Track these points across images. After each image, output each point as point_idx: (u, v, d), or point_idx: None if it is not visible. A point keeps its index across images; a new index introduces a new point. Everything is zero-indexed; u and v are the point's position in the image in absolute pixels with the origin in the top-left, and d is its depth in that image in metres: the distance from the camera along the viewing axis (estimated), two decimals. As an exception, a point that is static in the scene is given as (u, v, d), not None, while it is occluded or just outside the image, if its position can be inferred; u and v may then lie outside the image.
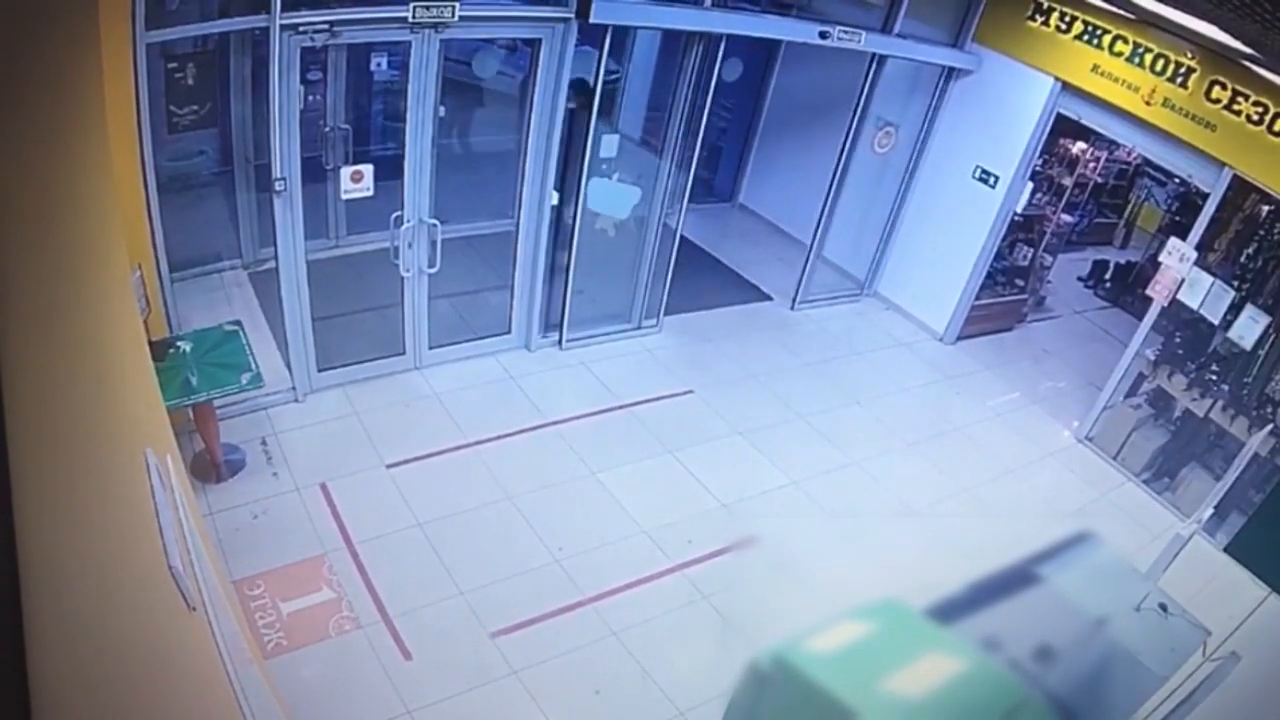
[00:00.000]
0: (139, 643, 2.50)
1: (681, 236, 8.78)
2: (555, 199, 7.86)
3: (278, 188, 6.44)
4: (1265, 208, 7.81)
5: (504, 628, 5.91)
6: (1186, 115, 7.72)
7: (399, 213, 7.12)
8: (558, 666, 5.74)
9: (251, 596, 5.79)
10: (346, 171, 6.80)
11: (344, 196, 6.93)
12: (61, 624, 1.95)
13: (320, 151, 8.15)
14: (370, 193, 6.90)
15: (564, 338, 8.61)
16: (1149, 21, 7.57)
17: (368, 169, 6.83)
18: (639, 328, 9.05)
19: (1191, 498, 8.02)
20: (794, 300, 10.10)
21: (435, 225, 7.24)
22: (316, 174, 7.61)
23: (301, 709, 5.06)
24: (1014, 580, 4.67)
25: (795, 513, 6.57)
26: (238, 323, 6.72)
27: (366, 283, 8.19)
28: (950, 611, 4.49)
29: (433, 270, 7.44)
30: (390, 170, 7.07)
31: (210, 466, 6.56)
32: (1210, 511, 6.59)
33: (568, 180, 7.89)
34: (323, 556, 6.16)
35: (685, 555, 6.65)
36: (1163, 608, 4.52)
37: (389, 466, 6.93)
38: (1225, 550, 6.93)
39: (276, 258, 6.79)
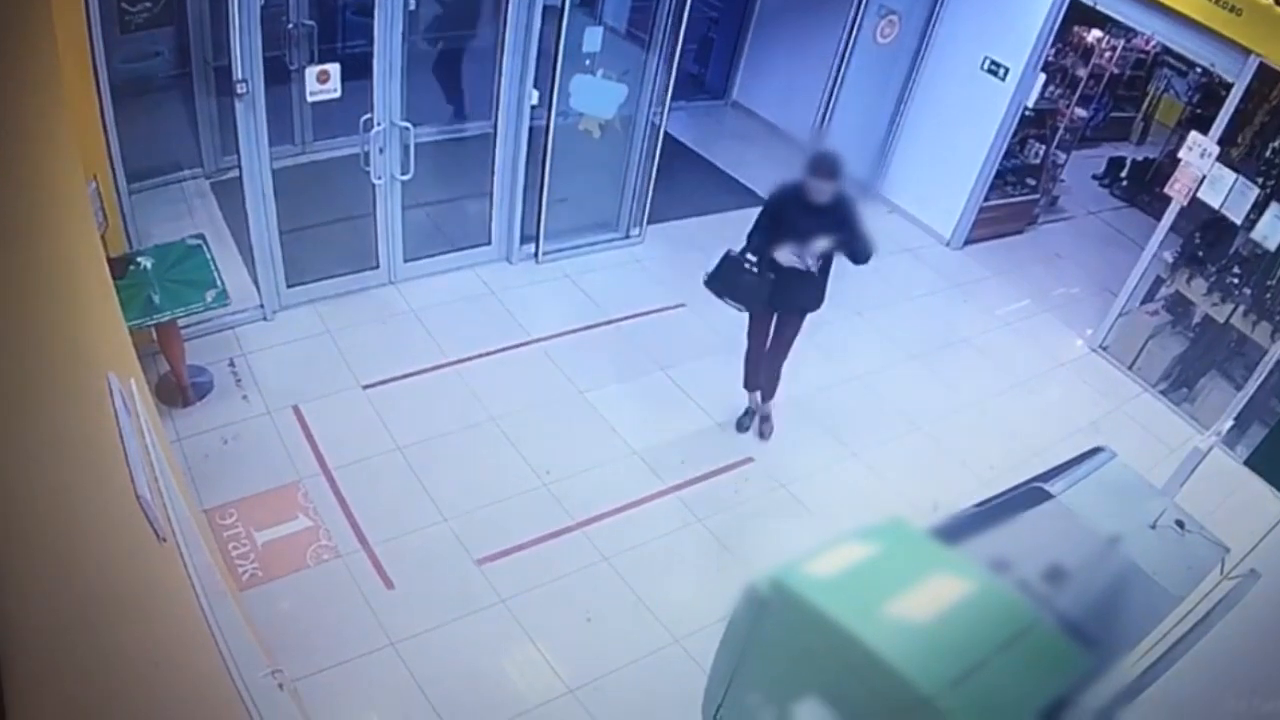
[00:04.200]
0: (108, 576, 2.51)
1: (671, 137, 8.67)
2: (535, 98, 7.74)
3: (239, 90, 6.33)
4: (1293, 99, 7.74)
5: (490, 555, 5.96)
6: (1210, -1, 7.60)
7: (369, 115, 7.00)
8: (547, 594, 5.81)
9: (224, 526, 5.82)
10: (312, 72, 6.66)
11: (310, 99, 6.79)
12: (27, 559, 1.95)
13: (283, 50, 7.97)
14: (338, 94, 6.77)
15: (540, 250, 8.56)
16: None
17: (334, 68, 6.69)
18: (627, 237, 8.99)
19: (1210, 409, 8.07)
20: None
21: (407, 128, 7.13)
22: (280, 75, 7.46)
23: (279, 642, 5.12)
24: (1023, 498, 4.70)
25: (795, 429, 6.59)
26: (201, 236, 6.65)
27: (336, 192, 8.10)
28: (957, 531, 4.53)
29: (406, 177, 7.35)
30: (359, 70, 6.93)
31: (176, 390, 6.55)
32: (1230, 423, 6.66)
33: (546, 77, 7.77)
34: (298, 483, 6.19)
35: (679, 477, 6.69)
36: (1179, 524, 4.57)
37: (365, 387, 6.92)
38: (1245, 463, 6.97)
39: (240, 166, 6.71)
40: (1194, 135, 7.99)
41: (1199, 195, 7.93)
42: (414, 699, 5.18)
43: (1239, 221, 7.83)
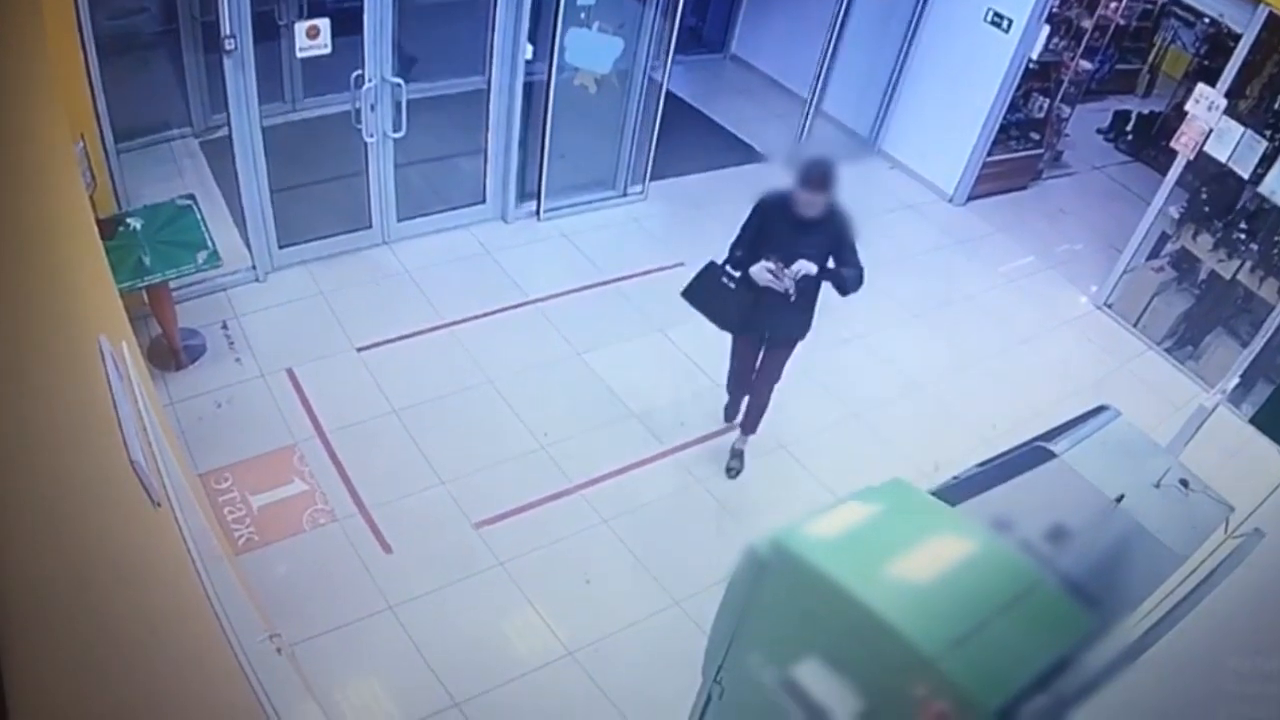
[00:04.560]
0: (103, 542, 2.51)
1: (669, 92, 8.61)
2: (530, 53, 7.68)
3: (227, 47, 6.28)
4: (1303, 50, 7.69)
5: (488, 518, 5.98)
6: (1219, -53, 7.53)
7: (359, 72, 6.96)
8: (546, 557, 5.84)
9: (219, 490, 5.84)
10: (301, 27, 6.60)
11: (299, 55, 6.74)
12: (21, 525, 1.95)
13: (272, 5, 7.90)
14: (328, 50, 6.72)
15: (541, 207, 8.53)
16: None
17: (324, 24, 6.62)
18: (624, 195, 8.95)
19: (1216, 366, 8.08)
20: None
21: (399, 85, 7.09)
22: (269, 30, 7.38)
23: (277, 606, 5.14)
24: (1026, 457, 4.70)
25: (795, 390, 6.60)
26: (191, 197, 6.62)
27: (328, 150, 8.05)
28: (959, 492, 4.55)
29: (398, 135, 7.31)
30: (349, 25, 6.86)
31: (168, 353, 6.56)
32: (1235, 381, 6.66)
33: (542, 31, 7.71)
34: (293, 446, 6.20)
35: (678, 439, 6.70)
36: (1184, 483, 4.57)
37: (360, 350, 6.92)
38: (1251, 421, 7.00)
39: (229, 124, 6.68)
40: (1201, 87, 7.94)
41: (1206, 149, 7.89)
42: (412, 662, 5.22)
43: (1246, 176, 7.79)
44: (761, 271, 5.49)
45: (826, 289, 5.78)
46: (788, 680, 3.79)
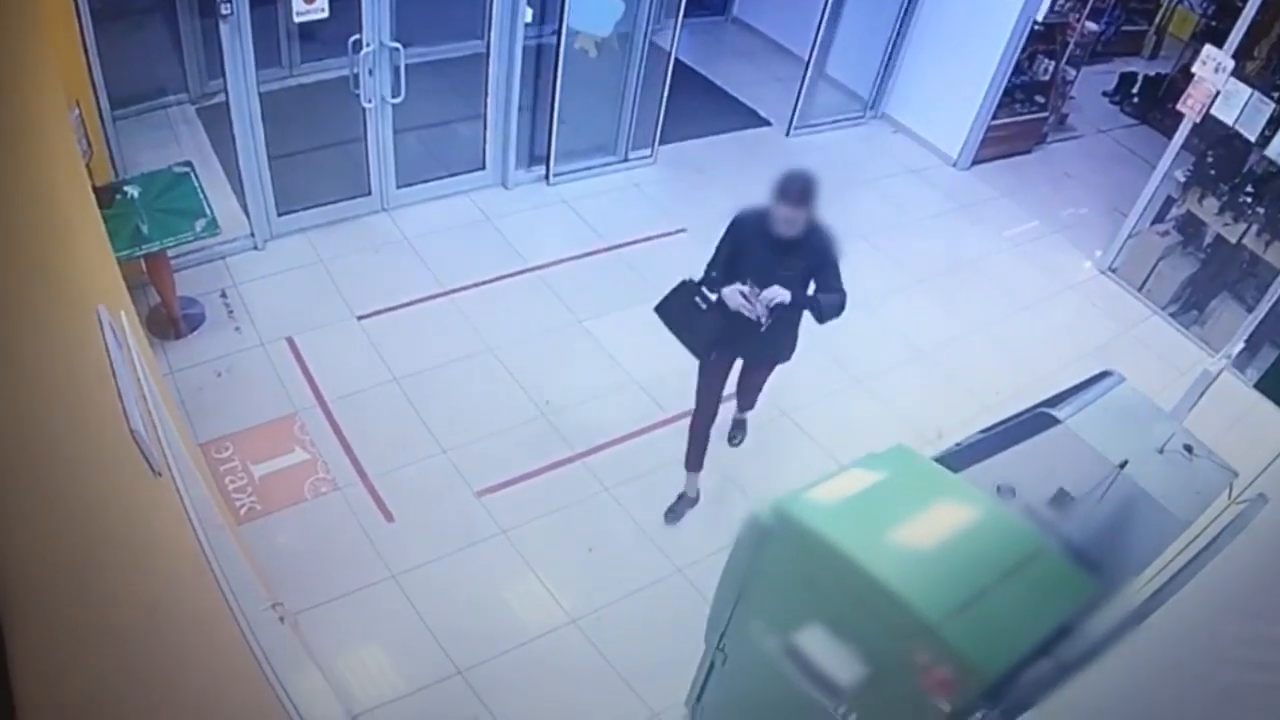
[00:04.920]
0: (104, 512, 2.53)
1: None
2: (529, 15, 7.63)
3: (224, 11, 6.25)
4: (1312, 10, 7.64)
5: (490, 486, 6.01)
6: (1228, -94, 7.47)
7: (357, 36, 6.92)
8: (548, 525, 5.87)
9: (220, 460, 5.86)
10: (298, -9, 6.57)
11: (296, 19, 6.71)
12: (21, 496, 1.96)
13: (268, -31, 7.87)
14: (325, 14, 6.69)
15: (551, 171, 8.52)
16: None
17: (321, -13, 6.60)
18: (625, 160, 8.92)
19: (1221, 331, 8.08)
20: (792, 124, 9.93)
21: (398, 49, 7.05)
22: (265, -6, 7.36)
23: (279, 575, 5.18)
24: (1030, 423, 4.72)
25: (797, 357, 6.59)
26: (188, 164, 6.61)
27: (326, 116, 8.04)
28: (962, 458, 4.56)
29: (397, 100, 7.28)
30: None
31: (167, 322, 6.57)
32: (1241, 345, 6.67)
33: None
34: (294, 415, 6.22)
35: (680, 406, 6.68)
36: (1188, 449, 4.58)
37: (360, 318, 6.93)
38: (1255, 386, 7.02)
39: (226, 90, 6.65)
40: (1208, 49, 7.89)
41: (1212, 111, 7.86)
42: (415, 630, 5.25)
43: (1253, 138, 7.76)
44: (734, 295, 5.03)
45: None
46: (790, 647, 3.82)
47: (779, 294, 5.00)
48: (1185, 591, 2.95)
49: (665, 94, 8.70)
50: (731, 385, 5.84)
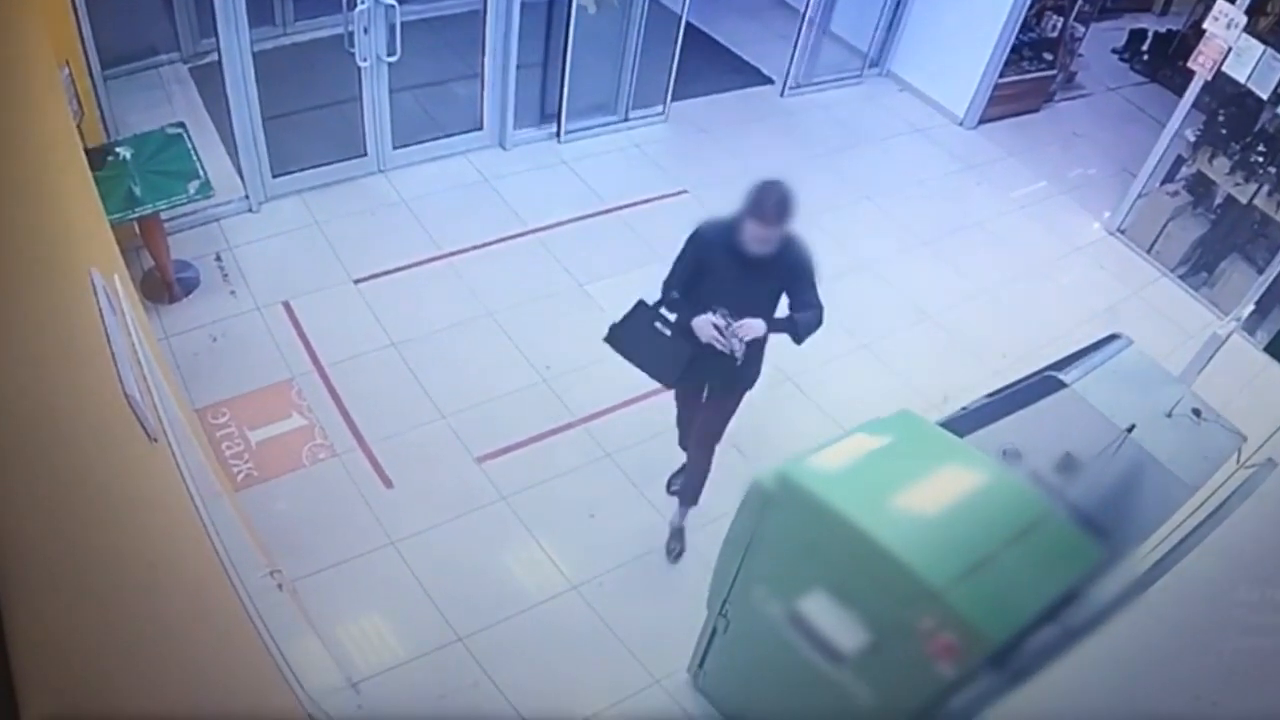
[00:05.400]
0: (99, 478, 2.53)
1: (670, 12, 8.50)
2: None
3: (215, -32, 6.20)
4: (1327, -35, 7.57)
5: (490, 452, 6.01)
6: None
7: (352, -7, 6.87)
8: (548, 491, 5.88)
9: (216, 426, 5.87)
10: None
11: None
12: (15, 462, 1.96)
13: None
14: (319, -30, 6.65)
15: (563, 129, 8.53)
16: None
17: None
18: (625, 119, 8.87)
19: (1231, 293, 8.06)
20: (795, 82, 9.87)
21: (393, 6, 6.99)
22: (258, -50, 7.29)
23: (277, 542, 5.18)
24: (1037, 387, 4.72)
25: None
26: (181, 124, 6.58)
27: (320, 75, 7.98)
28: (968, 422, 4.56)
29: (393, 59, 7.22)
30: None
31: (162, 286, 6.55)
32: (1251, 308, 6.65)
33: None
34: (290, 381, 6.22)
35: (682, 369, 6.70)
36: (1196, 413, 4.58)
37: (357, 281, 6.91)
38: (1265, 349, 7.01)
39: (219, 49, 6.61)
40: (1220, 4, 7.82)
41: (1224, 69, 7.79)
42: (415, 597, 5.27)
43: (1266, 96, 7.70)
44: (705, 326, 4.56)
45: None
46: (794, 614, 3.84)
47: (756, 329, 4.55)
48: (1193, 557, 2.96)
49: (677, 49, 8.67)
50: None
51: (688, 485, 5.55)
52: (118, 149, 6.18)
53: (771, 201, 4.31)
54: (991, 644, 3.31)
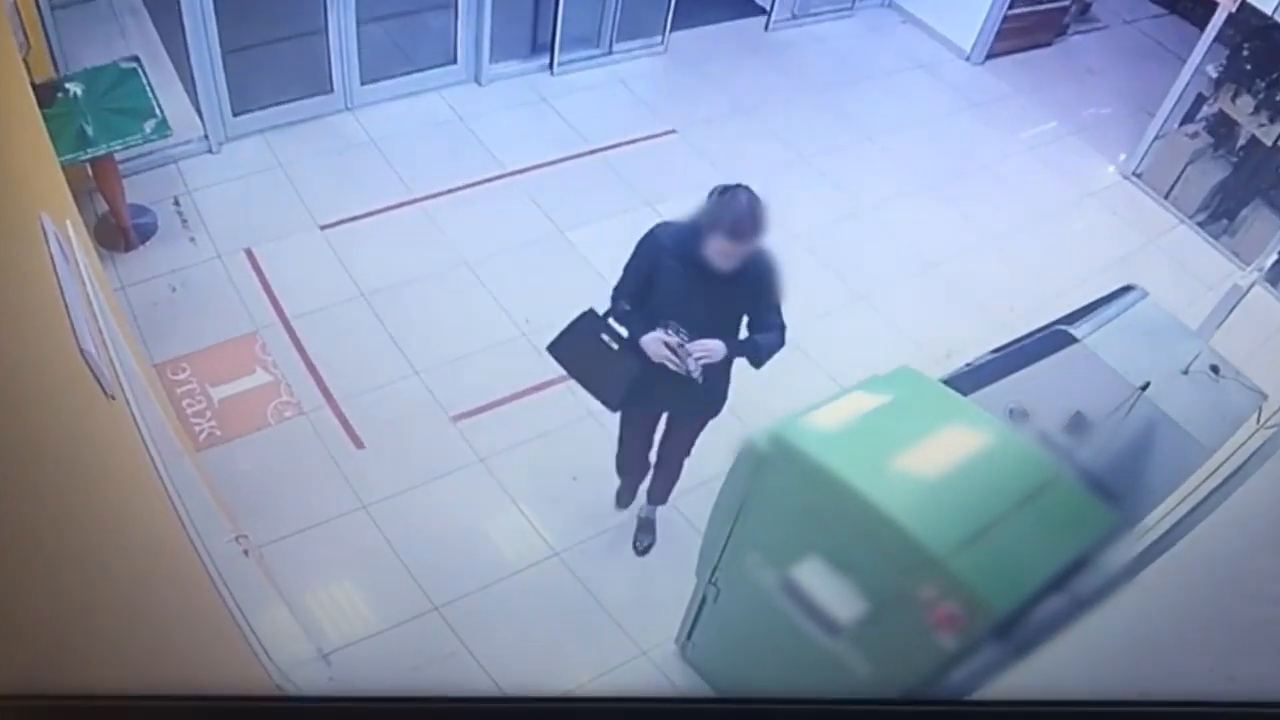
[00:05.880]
0: (53, 437, 2.53)
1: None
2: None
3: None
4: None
5: (466, 411, 6.02)
6: None
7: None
8: (529, 452, 5.89)
9: (176, 382, 5.86)
10: None
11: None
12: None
13: None
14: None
15: (555, 61, 8.49)
16: None
17: None
18: (609, 53, 8.80)
19: (1253, 242, 8.07)
20: (790, 13, 9.79)
21: (360, -69, 6.94)
22: None
23: (243, 505, 5.18)
24: (1046, 342, 4.74)
25: (796, 271, 6.57)
26: (135, 59, 6.50)
27: (284, 5, 7.87)
28: (973, 380, 4.58)
29: (360, -13, 7.17)
30: None
31: (117, 232, 6.52)
32: (1274, 257, 6.65)
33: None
34: (254, 334, 6.21)
35: (670, 322, 6.70)
36: (1214, 369, 4.61)
37: (323, 228, 6.89)
38: (1289, 301, 7.03)
39: (174, -24, 6.53)
40: (1246, -70, 7.79)
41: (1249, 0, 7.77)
42: (388, 564, 5.30)
43: (1293, 30, 7.70)
44: (655, 344, 4.28)
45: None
46: (787, 582, 3.86)
47: (713, 351, 4.29)
48: (1209, 522, 2.99)
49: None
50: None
51: (658, 490, 5.44)
52: (68, 85, 6.11)
53: (743, 215, 4.01)
54: (995, 614, 3.34)
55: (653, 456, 5.25)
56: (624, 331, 4.45)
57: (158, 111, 6.22)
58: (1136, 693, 2.03)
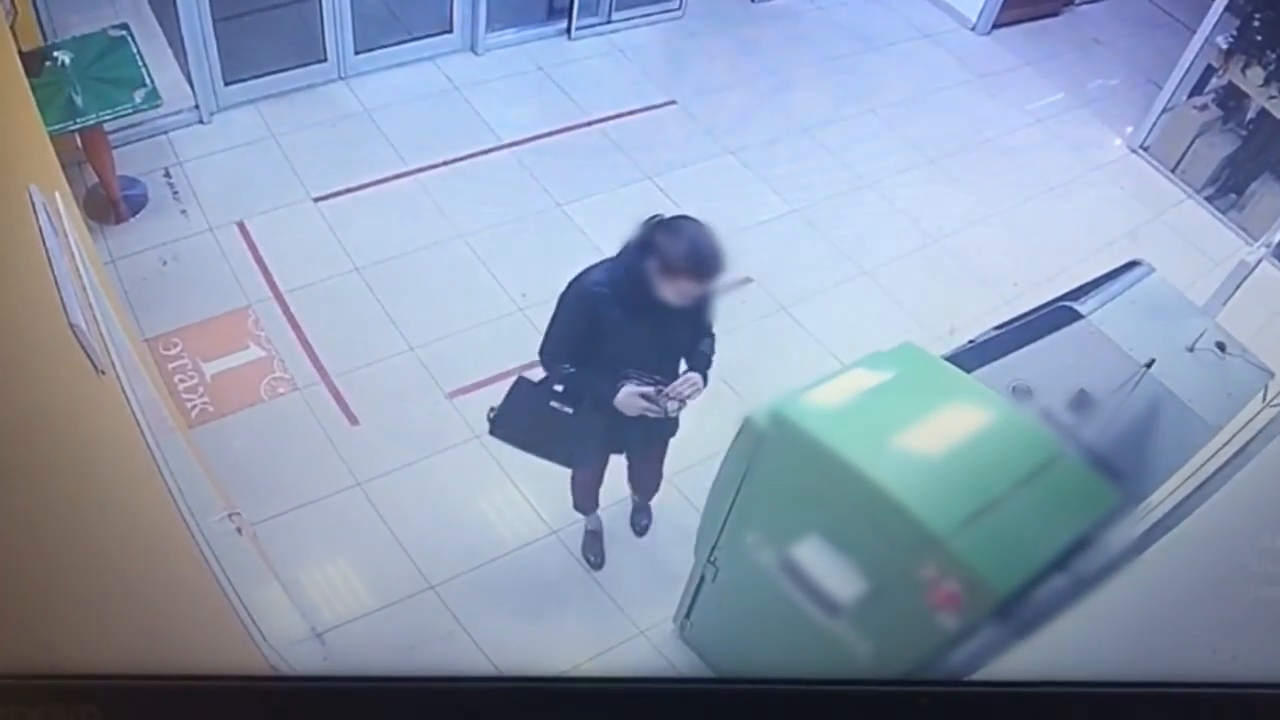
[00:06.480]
0: (42, 414, 2.53)
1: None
2: None
3: None
4: None
5: (463, 387, 6.01)
6: None
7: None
8: (526, 428, 5.89)
9: (168, 357, 5.86)
10: None
11: None
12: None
13: None
14: None
15: (574, 24, 8.39)
16: None
17: None
18: (608, 21, 8.76)
19: (1262, 217, 8.05)
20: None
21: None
22: None
23: (236, 482, 5.21)
24: (1050, 319, 4.74)
25: (797, 246, 6.59)
26: (125, 27, 6.48)
27: (276, -28, 7.88)
28: (975, 356, 4.59)
29: (355, -48, 7.14)
30: None
31: (107, 204, 6.51)
32: (1283, 233, 6.66)
33: None
34: (247, 309, 6.20)
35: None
36: (1220, 347, 4.61)
37: (317, 200, 6.87)
38: (1297, 278, 7.02)
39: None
40: (1258, -107, 7.75)
41: (1261, -34, 7.74)
42: (384, 542, 5.31)
43: (1307, -2, 7.67)
44: (631, 401, 4.22)
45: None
46: (787, 561, 3.87)
47: (696, 387, 4.30)
48: (1214, 502, 2.99)
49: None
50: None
51: (647, 488, 5.39)
52: (56, 53, 6.09)
53: (708, 253, 3.99)
54: (997, 594, 3.35)
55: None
56: (560, 388, 4.34)
57: (148, 81, 6.21)
58: (1140, 673, 2.04)
